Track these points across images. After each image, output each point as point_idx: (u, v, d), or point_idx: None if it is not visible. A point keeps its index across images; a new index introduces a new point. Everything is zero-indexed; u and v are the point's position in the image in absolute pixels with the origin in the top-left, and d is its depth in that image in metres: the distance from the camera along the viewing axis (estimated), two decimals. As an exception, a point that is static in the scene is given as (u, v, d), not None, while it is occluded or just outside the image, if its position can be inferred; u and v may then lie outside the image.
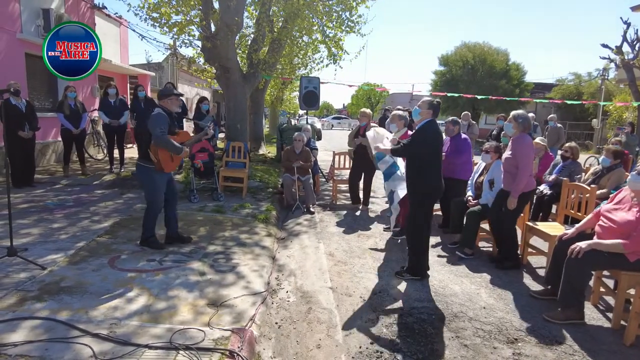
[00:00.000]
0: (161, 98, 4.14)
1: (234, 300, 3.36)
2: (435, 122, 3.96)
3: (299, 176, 6.78)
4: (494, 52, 24.78)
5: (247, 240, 4.88)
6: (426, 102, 3.96)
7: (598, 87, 21.34)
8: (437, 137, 3.92)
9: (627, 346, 3.04)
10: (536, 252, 4.58)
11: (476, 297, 3.78)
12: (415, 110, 4.01)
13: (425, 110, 3.93)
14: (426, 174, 3.93)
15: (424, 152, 3.90)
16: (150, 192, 4.18)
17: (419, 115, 3.96)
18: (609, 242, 3.23)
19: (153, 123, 3.97)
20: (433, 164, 3.94)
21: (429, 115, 3.93)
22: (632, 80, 12.94)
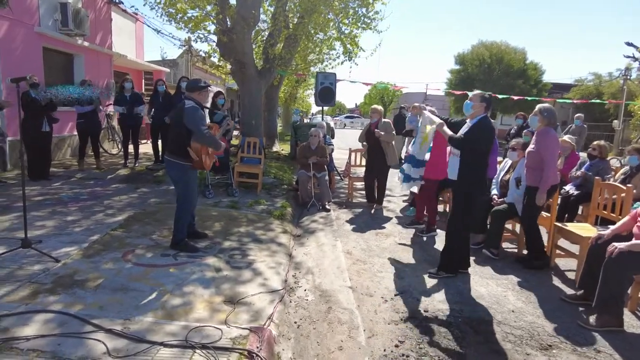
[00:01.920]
0: (192, 90, 3.90)
1: (251, 298, 3.23)
2: (489, 118, 3.76)
3: (314, 173, 6.65)
4: (512, 51, 24.31)
5: (262, 237, 4.76)
6: (478, 96, 3.75)
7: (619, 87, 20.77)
8: (492, 135, 3.76)
9: (671, 356, 2.84)
10: (565, 254, 4.37)
11: (504, 299, 3.59)
12: (467, 104, 3.79)
13: (478, 104, 3.72)
14: (475, 171, 3.75)
15: (477, 149, 3.70)
16: (186, 190, 3.98)
17: (472, 109, 3.75)
18: None
19: (194, 119, 3.70)
20: (482, 162, 3.77)
21: (482, 109, 3.71)
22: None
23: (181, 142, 3.79)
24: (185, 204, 3.99)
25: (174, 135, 3.88)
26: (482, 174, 3.79)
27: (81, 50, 9.43)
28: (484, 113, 3.73)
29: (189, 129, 3.78)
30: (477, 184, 3.79)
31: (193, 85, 3.96)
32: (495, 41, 24.81)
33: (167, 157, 3.93)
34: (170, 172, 3.97)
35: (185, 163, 3.87)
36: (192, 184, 4.04)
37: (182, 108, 3.76)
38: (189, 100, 3.86)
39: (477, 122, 3.71)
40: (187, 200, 4.00)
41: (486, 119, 3.72)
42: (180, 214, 3.98)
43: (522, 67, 23.83)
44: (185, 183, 3.96)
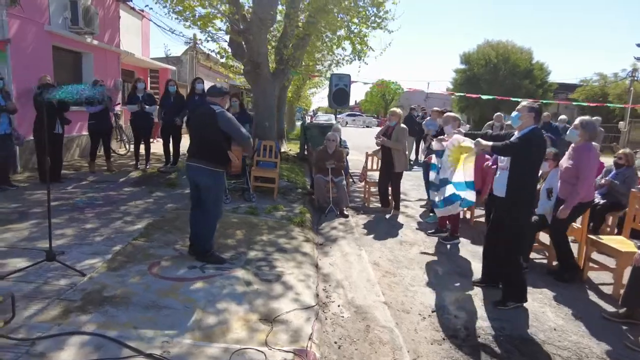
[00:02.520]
0: (216, 95, 3.80)
1: (286, 315, 3.12)
2: (539, 129, 3.53)
3: (332, 177, 6.53)
4: (518, 51, 24.20)
5: (286, 246, 4.64)
6: (526, 107, 3.49)
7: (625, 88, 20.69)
8: (544, 147, 3.54)
9: None
10: (599, 268, 4.27)
11: (543, 316, 3.49)
12: (515, 116, 3.55)
13: (526, 114, 3.47)
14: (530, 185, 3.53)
15: (528, 162, 3.46)
16: (218, 198, 3.88)
17: (519, 120, 3.51)
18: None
19: (232, 123, 3.66)
20: (534, 176, 3.54)
21: (531, 120, 3.47)
22: (669, 83, 12.44)
23: (216, 147, 3.70)
24: (217, 212, 3.87)
25: (205, 141, 3.73)
26: (532, 188, 3.56)
27: (90, 49, 9.26)
28: (534, 124, 3.49)
29: (224, 133, 3.69)
30: (528, 199, 3.54)
31: (217, 91, 3.86)
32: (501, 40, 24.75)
33: (196, 164, 3.76)
34: (201, 180, 3.78)
35: (218, 169, 3.76)
36: (222, 191, 3.93)
37: (213, 113, 3.64)
38: (214, 105, 3.75)
39: (528, 132, 3.47)
40: (218, 208, 3.89)
41: (537, 130, 3.50)
42: (212, 222, 3.86)
43: (528, 67, 23.74)
44: (217, 190, 3.84)
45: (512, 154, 3.47)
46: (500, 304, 3.61)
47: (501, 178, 3.61)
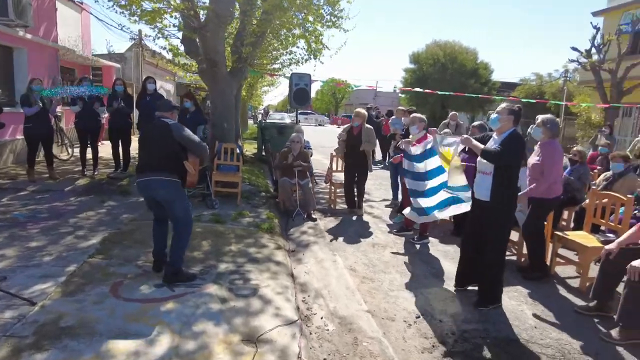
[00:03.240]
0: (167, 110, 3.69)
1: (270, 334, 2.92)
2: (518, 132, 3.51)
3: (298, 180, 6.35)
4: (464, 51, 25.26)
5: (257, 255, 4.42)
6: (506, 109, 3.51)
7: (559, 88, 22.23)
8: (524, 149, 3.57)
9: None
10: (565, 262, 4.44)
11: (522, 314, 3.54)
12: (495, 119, 3.56)
13: (505, 117, 3.48)
14: (509, 189, 3.51)
15: (511, 165, 3.45)
16: (186, 210, 3.58)
17: (499, 122, 3.52)
18: (665, 258, 3.07)
19: (187, 133, 3.52)
20: (515, 178, 3.55)
21: (510, 123, 3.48)
22: (600, 83, 13.45)
23: (173, 158, 3.48)
24: (188, 226, 3.57)
25: (160, 153, 3.47)
26: (515, 191, 3.59)
27: (23, 43, 8.39)
28: (513, 127, 3.51)
29: (181, 144, 3.52)
30: (511, 200, 3.56)
31: (167, 106, 3.75)
32: (448, 41, 25.70)
33: (151, 178, 3.44)
34: (160, 194, 3.47)
35: (177, 180, 3.50)
36: (189, 204, 3.65)
37: (167, 125, 3.51)
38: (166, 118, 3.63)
39: (508, 136, 3.47)
40: (189, 221, 3.59)
41: (517, 132, 3.51)
42: (185, 238, 3.56)
43: (474, 66, 24.85)
44: (182, 202, 3.54)
45: (497, 162, 3.43)
46: (480, 305, 3.62)
47: (484, 182, 3.55)
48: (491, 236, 3.56)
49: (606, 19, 16.95)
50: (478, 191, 3.63)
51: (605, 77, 13.28)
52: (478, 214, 3.68)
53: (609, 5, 17.22)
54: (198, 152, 3.59)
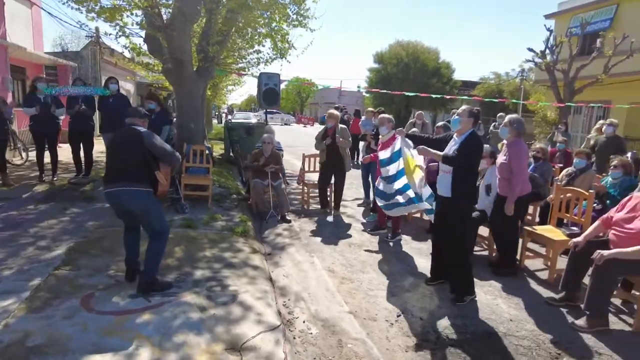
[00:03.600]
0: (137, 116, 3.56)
1: (253, 341, 2.87)
2: (477, 132, 3.70)
3: (271, 181, 6.28)
4: (426, 51, 25.86)
5: (233, 260, 4.32)
6: (466, 111, 3.68)
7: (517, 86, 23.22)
8: (482, 149, 3.74)
9: (657, 350, 3.10)
10: (534, 256, 4.63)
11: (497, 308, 3.66)
12: (455, 120, 3.72)
13: (466, 119, 3.65)
14: (469, 185, 3.68)
15: (470, 163, 3.62)
16: (162, 219, 3.46)
17: (460, 124, 3.68)
18: (630, 250, 3.24)
19: (158, 141, 3.40)
20: (475, 175, 3.75)
21: (470, 124, 3.65)
22: (554, 82, 14.13)
23: (145, 167, 3.34)
24: (165, 235, 3.45)
25: (131, 162, 3.32)
26: (474, 187, 3.79)
27: (-32, 42, 7.81)
28: (472, 128, 3.69)
29: (152, 153, 3.38)
30: (471, 197, 3.77)
31: (138, 114, 3.62)
32: (411, 41, 26.19)
33: (122, 189, 3.28)
34: (133, 204, 3.31)
35: (150, 189, 3.37)
36: (163, 212, 3.52)
37: (139, 133, 3.37)
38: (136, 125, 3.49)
39: (468, 137, 3.64)
40: (165, 230, 3.46)
41: (475, 133, 3.69)
42: (162, 247, 3.44)
43: (436, 66, 25.48)
44: (157, 211, 3.41)
45: (459, 164, 3.61)
46: (457, 300, 3.71)
47: (445, 180, 3.75)
48: (452, 230, 3.72)
49: (557, 21, 17.84)
50: (440, 188, 3.81)
51: (559, 77, 13.95)
52: (441, 210, 3.88)
53: (559, 8, 18.12)
54: (170, 162, 3.47)
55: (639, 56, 12.87)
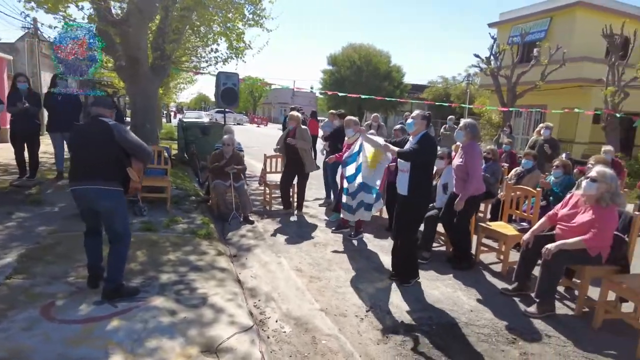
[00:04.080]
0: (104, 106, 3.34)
1: (228, 342, 2.86)
2: (429, 133, 4.00)
3: (233, 183, 6.22)
4: (378, 54, 26.54)
5: (199, 263, 4.26)
6: (419, 115, 4.00)
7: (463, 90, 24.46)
8: (435, 148, 4.02)
9: (596, 330, 3.44)
10: (488, 250, 4.95)
11: (458, 300, 3.89)
12: (410, 123, 4.00)
13: (419, 122, 3.97)
14: (425, 184, 3.93)
15: (424, 162, 3.90)
16: (125, 223, 3.31)
17: (414, 126, 3.97)
18: (572, 241, 3.58)
19: (130, 136, 3.21)
20: (429, 174, 4.04)
21: (423, 127, 3.98)
22: (498, 87, 15.09)
23: (114, 164, 3.17)
24: (127, 239, 3.32)
25: (100, 158, 3.15)
26: (429, 185, 4.05)
27: None
28: (425, 129, 4.00)
29: (122, 148, 3.22)
30: (426, 194, 4.05)
31: (107, 103, 3.41)
32: (363, 44, 26.74)
33: (90, 187, 3.12)
34: (100, 204, 3.17)
35: (120, 188, 3.23)
36: (127, 215, 3.41)
37: (108, 126, 3.16)
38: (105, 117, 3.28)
39: (421, 137, 3.94)
40: (129, 234, 3.34)
41: (428, 134, 4.01)
42: (124, 251, 3.31)
43: (387, 69, 26.23)
44: (123, 213, 3.29)
45: (413, 159, 3.90)
46: (403, 282, 4.10)
47: (403, 179, 4.04)
48: (405, 222, 4.06)
49: (500, 30, 19.04)
50: (399, 187, 4.08)
51: (502, 82, 14.91)
52: (399, 207, 4.15)
53: (501, 18, 19.36)
54: (143, 158, 3.33)
55: (570, 65, 14.06)
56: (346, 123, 5.70)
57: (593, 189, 3.59)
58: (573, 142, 15.55)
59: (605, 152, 6.53)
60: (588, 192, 3.64)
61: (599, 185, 3.53)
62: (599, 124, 13.31)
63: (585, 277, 3.63)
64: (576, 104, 14.85)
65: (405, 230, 4.11)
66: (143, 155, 3.32)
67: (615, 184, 3.57)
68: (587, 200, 3.68)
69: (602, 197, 3.53)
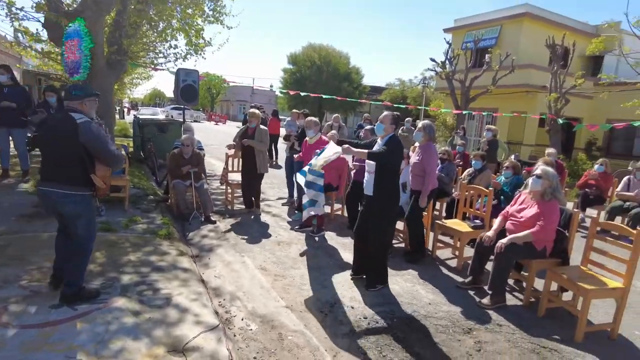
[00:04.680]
0: (75, 98, 3.02)
1: (195, 341, 2.87)
2: (397, 136, 4.04)
3: (193, 183, 6.13)
4: (338, 55, 26.83)
5: (161, 263, 4.20)
6: (388, 117, 4.01)
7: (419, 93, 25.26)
8: (402, 150, 4.08)
9: (541, 318, 3.74)
10: (444, 246, 5.21)
11: (417, 294, 4.08)
12: (379, 126, 4.03)
13: (388, 125, 4.00)
14: (391, 185, 4.02)
15: (391, 163, 3.96)
16: (90, 227, 3.14)
17: (383, 130, 4.01)
18: (521, 235, 3.86)
19: (98, 137, 2.93)
20: (396, 175, 4.10)
21: (392, 130, 4.01)
22: (452, 91, 15.73)
23: (80, 167, 2.99)
24: (88, 244, 3.18)
25: (61, 159, 2.98)
26: (396, 186, 4.14)
27: None
28: (392, 132, 4.06)
29: (87, 150, 3.00)
30: (393, 195, 4.10)
31: (77, 92, 3.05)
32: (322, 44, 26.95)
33: (51, 189, 2.98)
34: (67, 209, 3.03)
35: (86, 192, 3.08)
36: (94, 218, 3.26)
37: (74, 124, 2.90)
38: (75, 112, 3.00)
39: (389, 139, 4.00)
40: (90, 239, 3.19)
41: (395, 137, 4.05)
42: (83, 257, 3.17)
43: (347, 70, 26.57)
44: (88, 218, 3.14)
45: (384, 161, 3.94)
46: (370, 287, 4.08)
47: (370, 179, 4.08)
48: (374, 225, 4.07)
49: (454, 36, 19.83)
50: (365, 187, 4.14)
51: (456, 86, 15.55)
52: (365, 209, 4.19)
53: (455, 24, 20.17)
54: (109, 163, 3.10)
55: (518, 72, 14.91)
56: (307, 124, 5.78)
57: (538, 185, 3.89)
58: (521, 144, 16.49)
59: (549, 154, 7.02)
60: (534, 188, 3.94)
61: (543, 181, 3.84)
62: (544, 127, 14.21)
63: (532, 270, 3.93)
64: (524, 108, 15.78)
65: (378, 235, 4.09)
66: (109, 161, 3.09)
67: (556, 181, 3.89)
68: (533, 196, 3.98)
69: (545, 192, 3.85)
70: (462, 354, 3.08)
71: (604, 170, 7.30)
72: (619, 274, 3.47)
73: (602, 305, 3.94)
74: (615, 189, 7.17)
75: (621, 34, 12.20)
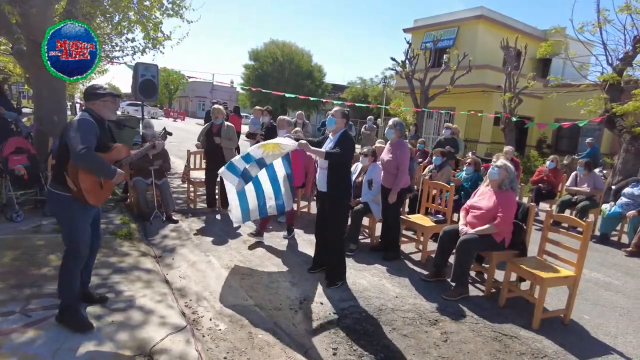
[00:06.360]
0: (90, 98, 2.89)
1: (162, 343, 2.78)
2: (348, 131, 4.08)
3: (155, 180, 5.92)
4: (300, 53, 26.76)
5: (122, 265, 4.04)
6: (339, 112, 4.03)
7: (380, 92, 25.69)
8: (354, 146, 4.10)
9: (502, 307, 3.91)
10: (408, 240, 5.33)
11: (384, 288, 4.15)
12: (331, 120, 4.03)
13: (340, 120, 4.02)
14: (343, 179, 4.04)
15: (344, 159, 3.97)
16: (70, 231, 2.85)
17: (335, 124, 4.02)
18: (485, 227, 4.01)
19: (74, 133, 2.67)
20: (348, 170, 4.13)
21: (343, 124, 4.04)
22: (412, 90, 16.10)
23: (60, 165, 2.85)
24: (72, 252, 2.89)
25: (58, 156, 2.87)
26: (348, 181, 4.17)
27: None
28: (344, 127, 4.09)
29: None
30: (346, 190, 4.12)
31: (91, 92, 2.91)
32: (285, 41, 26.78)
33: (48, 188, 2.92)
34: (49, 207, 3.01)
35: (66, 193, 2.83)
36: (79, 223, 2.87)
37: (70, 121, 2.85)
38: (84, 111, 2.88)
39: (342, 135, 4.04)
40: (74, 247, 2.88)
41: (347, 132, 4.09)
42: (67, 270, 2.88)
43: (309, 68, 26.57)
44: (69, 221, 2.84)
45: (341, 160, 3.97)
46: (330, 284, 4.08)
47: (322, 176, 4.12)
48: (330, 221, 4.11)
49: (414, 36, 20.30)
50: (319, 184, 4.17)
51: (416, 85, 15.93)
52: (321, 205, 4.24)
53: (414, 25, 20.65)
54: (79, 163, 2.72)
55: (475, 72, 15.49)
56: (279, 124, 5.72)
57: (496, 175, 4.06)
58: (478, 141, 17.16)
59: (506, 152, 7.36)
60: (492, 177, 4.10)
61: (501, 171, 4.03)
62: (499, 125, 14.85)
63: (492, 262, 4.09)
64: (480, 107, 16.42)
65: (334, 228, 4.13)
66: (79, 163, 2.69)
67: (512, 173, 4.09)
68: (492, 186, 4.15)
69: (502, 182, 4.04)
70: (430, 345, 3.17)
71: (555, 167, 7.74)
72: (571, 262, 3.69)
73: (556, 293, 4.17)
74: (564, 184, 7.62)
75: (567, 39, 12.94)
